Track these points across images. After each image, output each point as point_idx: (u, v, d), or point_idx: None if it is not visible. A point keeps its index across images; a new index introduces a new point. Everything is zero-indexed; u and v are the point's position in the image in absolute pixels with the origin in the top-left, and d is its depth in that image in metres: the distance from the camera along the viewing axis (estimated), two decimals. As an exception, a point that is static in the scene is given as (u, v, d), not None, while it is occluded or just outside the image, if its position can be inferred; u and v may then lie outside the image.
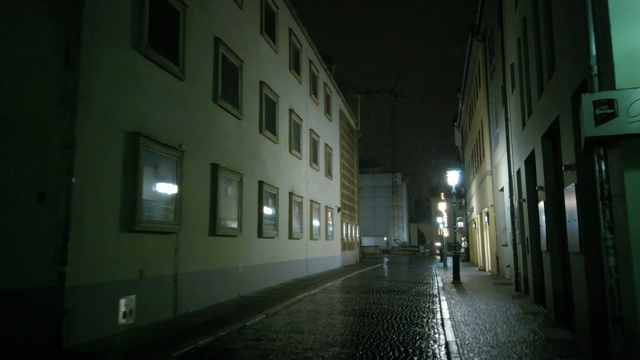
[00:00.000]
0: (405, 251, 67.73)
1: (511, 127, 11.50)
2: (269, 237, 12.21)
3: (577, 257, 5.62)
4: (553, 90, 6.52)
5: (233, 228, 9.93)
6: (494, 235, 16.56)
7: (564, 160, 5.93)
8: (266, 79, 12.27)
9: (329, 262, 19.62)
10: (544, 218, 7.56)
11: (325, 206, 19.17)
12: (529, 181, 9.57)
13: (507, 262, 13.93)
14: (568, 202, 5.82)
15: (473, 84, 21.18)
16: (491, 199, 16.64)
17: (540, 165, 7.80)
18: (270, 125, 12.65)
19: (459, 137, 33.06)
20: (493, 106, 15.77)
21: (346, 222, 24.31)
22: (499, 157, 14.58)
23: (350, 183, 26.43)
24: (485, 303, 9.50)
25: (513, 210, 11.59)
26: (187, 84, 8.21)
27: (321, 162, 18.70)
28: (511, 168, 11.48)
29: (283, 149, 13.76)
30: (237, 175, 10.13)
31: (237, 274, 10.17)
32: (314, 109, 17.83)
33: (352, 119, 27.47)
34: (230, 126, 10.04)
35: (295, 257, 14.69)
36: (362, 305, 9.45)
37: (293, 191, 14.48)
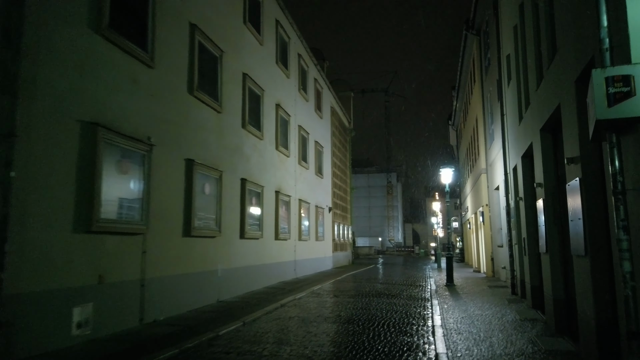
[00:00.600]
0: (400, 252, 67.18)
1: (507, 122, 10.93)
2: (253, 238, 11.57)
3: (581, 260, 5.03)
4: (554, 77, 5.93)
5: (211, 228, 9.28)
6: (489, 236, 16.00)
7: (567, 153, 5.34)
8: (249, 71, 11.64)
9: (320, 264, 19.00)
10: (543, 217, 6.97)
11: (316, 206, 18.55)
12: (526, 178, 8.99)
13: (503, 264, 13.37)
14: (571, 199, 5.23)
15: (468, 80, 20.64)
16: (486, 198, 16.09)
17: (538, 160, 7.22)
18: (254, 120, 12.01)
19: (453, 136, 32.55)
20: (488, 102, 15.22)
21: (338, 223, 23.70)
22: (494, 154, 14.03)
23: (343, 182, 25.83)
24: (479, 308, 8.91)
25: (509, 209, 11.02)
26: (158, 72, 7.56)
27: (311, 160, 18.08)
28: (507, 165, 10.91)
29: (269, 146, 13.12)
30: (216, 172, 9.48)
31: (216, 278, 9.52)
32: (303, 105, 17.21)
33: (344, 116, 26.88)
34: (209, 119, 9.40)
35: (282, 258, 14.06)
36: (349, 310, 8.83)
37: (280, 190, 13.85)
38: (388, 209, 76.50)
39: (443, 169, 13.71)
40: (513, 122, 10.01)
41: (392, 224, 76.65)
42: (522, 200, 9.30)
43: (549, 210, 6.84)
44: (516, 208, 10.17)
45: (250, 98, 11.68)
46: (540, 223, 7.32)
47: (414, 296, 11.18)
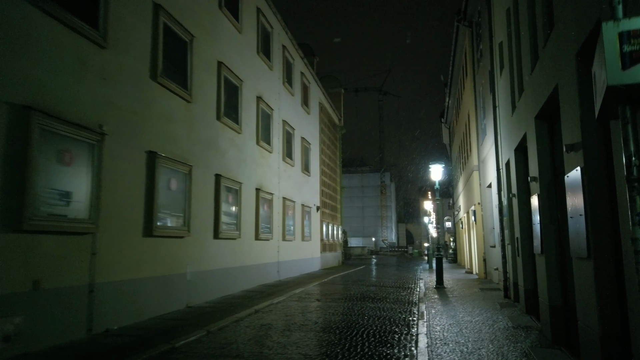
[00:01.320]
0: (394, 252, 66.58)
1: (499, 115, 10.27)
2: (229, 238, 10.82)
3: (582, 263, 4.34)
4: (551, 55, 5.25)
5: (179, 228, 8.53)
6: (481, 236, 15.35)
7: (566, 139, 4.65)
8: (226, 60, 10.89)
9: (306, 265, 18.27)
10: (538, 215, 6.29)
11: (302, 204, 17.81)
12: (520, 173, 8.32)
13: (495, 265, 12.72)
14: (571, 193, 4.54)
15: (460, 75, 20.01)
16: (478, 197, 15.44)
17: (533, 151, 6.54)
18: (231, 112, 11.26)
19: (446, 134, 31.95)
20: (480, 96, 14.57)
21: (327, 222, 22.98)
22: (487, 150, 13.38)
23: (332, 181, 25.12)
24: (469, 313, 8.22)
25: (501, 207, 10.35)
26: (112, 54, 6.80)
27: (297, 157, 17.34)
28: (499, 160, 10.24)
29: (249, 140, 12.38)
30: (184, 167, 8.73)
31: (185, 281, 8.77)
32: (288, 99, 16.48)
33: (334, 113, 26.17)
34: (176, 109, 8.65)
35: (264, 260, 13.32)
36: (329, 316, 8.11)
37: (261, 187, 13.10)
38: (382, 209, 75.91)
39: (432, 165, 13.04)
40: (506, 114, 9.35)
41: (385, 224, 76.06)
42: (515, 197, 8.63)
43: (545, 207, 6.17)
44: (509, 205, 9.50)
45: (227, 88, 10.93)
46: (534, 221, 6.65)
47: (400, 300, 10.48)
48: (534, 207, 6.56)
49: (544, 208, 6.17)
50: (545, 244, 6.12)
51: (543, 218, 6.17)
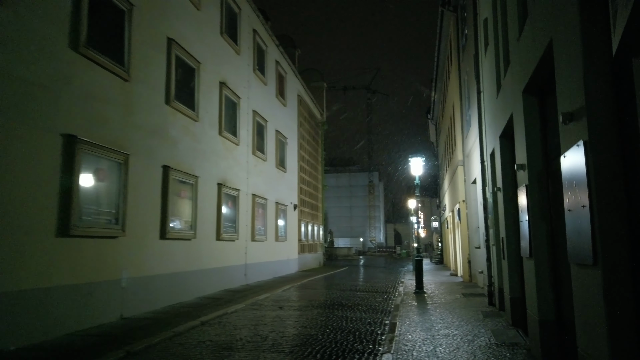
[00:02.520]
0: (382, 252, 65.62)
1: (484, 100, 9.20)
2: (181, 238, 9.59)
3: (586, 271, 3.22)
4: (544, 5, 4.14)
5: (109, 226, 7.29)
6: (465, 236, 14.31)
7: (563, 107, 3.53)
8: (179, 37, 9.66)
9: (281, 267, 17.07)
10: (526, 210, 5.19)
11: (276, 202, 16.61)
12: (506, 163, 7.23)
13: (480, 268, 11.66)
14: (569, 179, 3.43)
15: (445, 66, 18.98)
16: (463, 194, 14.39)
17: (520, 133, 5.44)
18: (186, 96, 10.04)
19: (433, 132, 30.98)
20: (465, 85, 13.52)
21: (306, 222, 21.81)
22: (471, 142, 12.32)
23: (313, 178, 23.95)
24: (447, 326, 7.10)
25: (486, 204, 9.28)
26: (10, 13, 5.55)
27: (270, 151, 16.14)
28: (483, 150, 9.16)
29: (209, 130, 11.15)
30: (118, 155, 7.49)
31: (119, 289, 7.53)
32: (259, 89, 15.26)
33: (316, 108, 25.01)
34: (108, 88, 7.40)
35: (228, 262, 12.10)
36: (284, 330, 6.94)
37: (224, 182, 11.88)
38: (370, 209, 74.93)
39: (412, 158, 11.93)
40: (490, 98, 8.26)
41: (373, 224, 75.10)
42: (500, 191, 7.54)
43: (535, 201, 5.06)
44: (494, 201, 8.42)
45: (180, 70, 9.70)
46: (522, 219, 5.55)
47: (374, 307, 9.34)
48: (522, 201, 5.46)
49: (533, 202, 5.07)
50: (534, 246, 5.01)
51: (532, 214, 5.06)
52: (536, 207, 5.03)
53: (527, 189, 5.14)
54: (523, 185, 5.30)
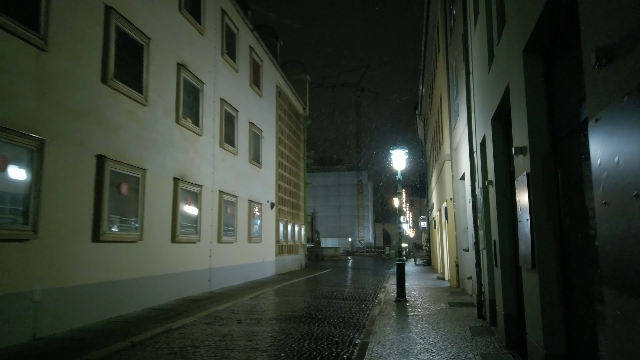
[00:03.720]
0: (371, 252, 64.53)
1: (473, 82, 7.99)
2: (123, 240, 8.24)
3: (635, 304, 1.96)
4: None
5: (14, 227, 5.91)
6: (453, 237, 13.13)
7: (592, 42, 2.27)
8: (120, 6, 8.28)
9: (255, 271, 15.73)
10: (528, 206, 3.95)
11: (249, 200, 15.27)
12: (499, 150, 6.01)
13: (469, 273, 10.47)
14: (599, 153, 2.18)
15: (433, 55, 17.80)
16: (450, 191, 13.21)
17: (520, 107, 4.19)
18: (131, 76, 8.67)
19: (421, 128, 29.85)
20: (453, 71, 12.33)
21: (286, 221, 20.49)
22: (459, 134, 11.13)
23: (294, 176, 22.64)
24: (428, 347, 5.86)
25: (475, 201, 8.07)
26: None
27: (242, 144, 14.80)
28: (473, 139, 7.95)
29: (162, 117, 9.79)
30: (30, 141, 6.12)
31: (30, 304, 6.16)
32: (229, 75, 13.92)
33: (297, 101, 23.69)
34: (14, 55, 6.02)
35: (186, 267, 10.74)
36: (231, 353, 5.63)
37: (183, 177, 10.53)
38: (358, 209, 73.78)
39: (393, 150, 10.68)
40: (481, 77, 7.04)
41: (362, 224, 73.97)
42: (492, 185, 6.32)
43: (539, 194, 3.83)
44: (484, 198, 7.20)
45: (120, 44, 8.32)
46: (520, 218, 4.31)
47: (347, 321, 8.08)
48: (521, 195, 4.22)
49: (536, 196, 3.83)
50: (539, 254, 3.77)
51: (536, 212, 3.82)
52: (541, 203, 3.80)
53: (528, 178, 3.91)
54: (523, 174, 4.06)
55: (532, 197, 3.85)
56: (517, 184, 4.37)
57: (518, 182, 4.33)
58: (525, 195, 4.00)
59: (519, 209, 4.34)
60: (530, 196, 3.87)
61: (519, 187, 4.30)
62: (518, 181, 4.33)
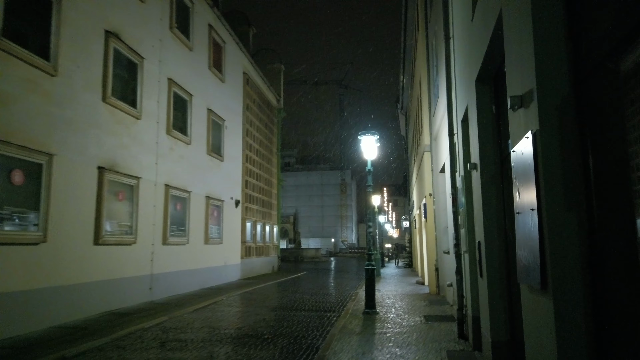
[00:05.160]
0: (354, 253, 63.10)
1: (454, 46, 6.50)
2: (16, 242, 6.52)
3: None
4: None
5: None
6: (432, 237, 11.67)
7: None
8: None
9: (213, 276, 14.05)
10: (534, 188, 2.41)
11: (207, 196, 13.59)
12: (485, 121, 4.51)
13: (449, 279, 9.00)
14: None
15: (413, 40, 16.37)
16: (430, 186, 11.75)
17: (521, 36, 2.66)
18: (32, 38, 6.97)
19: (403, 123, 28.48)
20: (433, 50, 10.87)
21: (254, 220, 18.82)
22: (439, 119, 9.67)
23: (266, 171, 20.99)
24: (390, 389, 4.32)
25: (455, 193, 6.57)
26: None
27: (198, 133, 13.11)
28: (453, 116, 6.46)
29: (81, 92, 8.08)
30: None
31: None
32: (180, 53, 12.23)
33: (270, 92, 22.05)
34: None
35: (117, 273, 9.04)
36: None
37: (112, 166, 8.83)
38: (342, 209, 72.35)
39: (362, 136, 9.13)
40: (463, 30, 5.54)
41: (345, 224, 72.59)
42: (476, 170, 4.82)
43: (556, 163, 2.29)
44: (466, 187, 5.70)
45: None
46: (520, 207, 2.78)
47: (300, 340, 6.51)
48: (520, 174, 2.69)
49: (552, 167, 2.30)
50: (556, 267, 2.23)
51: (550, 195, 2.29)
52: (558, 179, 2.27)
53: (535, 140, 2.38)
54: (526, 137, 2.52)
55: (541, 171, 2.32)
56: (514, 156, 2.84)
57: (515, 154, 2.80)
58: (528, 172, 2.47)
59: (517, 196, 2.82)
60: (538, 170, 2.34)
61: (516, 160, 2.77)
62: (515, 152, 2.80)
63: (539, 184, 2.34)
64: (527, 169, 2.49)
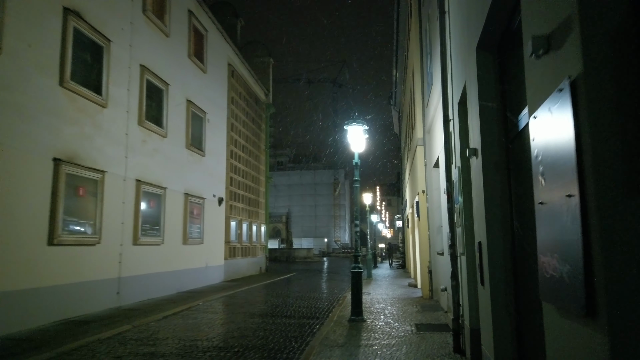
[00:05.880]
0: (347, 253, 62.31)
1: (450, 20, 5.72)
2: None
3: None
4: None
5: None
6: (425, 237, 10.91)
7: None
8: None
9: (193, 278, 13.18)
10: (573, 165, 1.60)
11: (185, 193, 12.73)
12: (488, 94, 3.73)
13: (443, 283, 8.23)
14: None
15: (406, 30, 15.60)
16: (423, 182, 10.98)
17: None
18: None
19: (396, 121, 27.74)
20: (427, 35, 10.10)
21: (240, 219, 17.96)
22: (433, 108, 8.90)
23: (253, 168, 20.14)
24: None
25: (451, 187, 5.78)
26: None
27: (176, 125, 12.25)
28: (449, 98, 5.67)
29: (34, 74, 7.21)
30: None
31: None
32: (155, 39, 11.36)
33: (258, 85, 21.19)
34: None
35: (77, 277, 8.17)
36: None
37: (72, 158, 7.97)
38: (335, 208, 71.54)
39: (349, 125, 8.31)
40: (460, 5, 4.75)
41: (338, 223, 71.78)
42: (476, 156, 4.03)
43: (606, 131, 1.48)
44: (463, 179, 4.92)
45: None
46: (544, 195, 1.97)
47: (272, 354, 5.70)
48: (547, 142, 1.90)
49: (605, 128, 1.50)
50: (610, 283, 1.43)
51: (600, 175, 1.49)
52: (614, 148, 1.47)
53: (576, 90, 1.58)
54: (559, 90, 1.72)
55: (588, 136, 1.52)
56: (536, 124, 2.04)
57: (538, 120, 2.00)
58: (562, 140, 1.67)
59: (540, 179, 2.02)
60: (581, 134, 1.54)
61: (540, 128, 1.97)
62: (538, 118, 2.00)
63: (583, 156, 1.54)
64: (560, 137, 1.70)
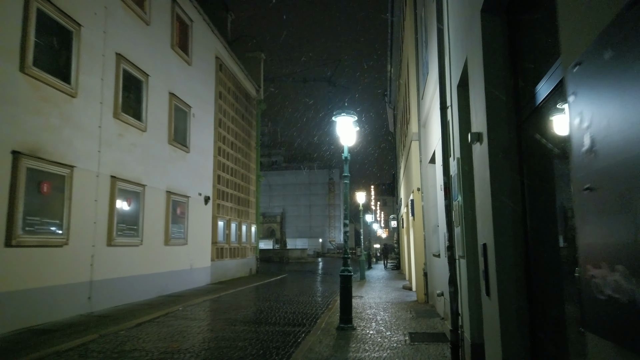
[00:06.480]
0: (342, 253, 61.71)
1: None
2: None
3: None
4: None
5: None
6: (420, 237, 10.29)
7: None
8: None
9: (176, 281, 12.49)
10: None
11: (168, 191, 12.04)
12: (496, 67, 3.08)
13: (440, 287, 7.62)
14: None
15: (400, 20, 14.99)
16: (418, 179, 10.37)
17: None
18: None
19: (391, 118, 27.14)
20: (422, 23, 9.49)
21: (228, 219, 17.27)
22: (429, 99, 8.28)
23: (243, 166, 19.46)
24: None
25: (449, 182, 5.15)
26: None
27: (157, 119, 11.56)
28: (446, 81, 5.05)
29: (-12, 58, 6.53)
30: None
31: None
32: (132, 26, 10.66)
33: (248, 80, 20.52)
34: None
35: (41, 281, 7.48)
36: None
37: (34, 151, 7.28)
38: (330, 208, 70.92)
39: (338, 116, 7.67)
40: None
41: (333, 224, 71.17)
42: (479, 142, 3.40)
43: None
44: (463, 172, 4.30)
45: None
46: (587, 180, 1.33)
47: (248, 371, 5.04)
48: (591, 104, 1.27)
49: None
50: None
51: None
52: None
53: None
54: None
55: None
56: (574, 75, 1.40)
57: (584, 67, 1.36)
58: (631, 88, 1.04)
59: (588, 154, 1.39)
60: None
61: (581, 78, 1.34)
62: (584, 64, 1.36)
63: None
64: (631, 84, 1.06)
